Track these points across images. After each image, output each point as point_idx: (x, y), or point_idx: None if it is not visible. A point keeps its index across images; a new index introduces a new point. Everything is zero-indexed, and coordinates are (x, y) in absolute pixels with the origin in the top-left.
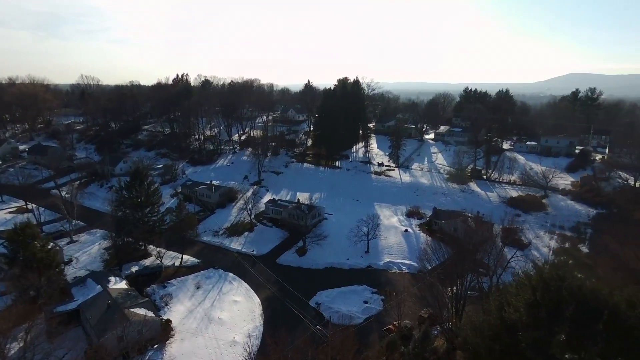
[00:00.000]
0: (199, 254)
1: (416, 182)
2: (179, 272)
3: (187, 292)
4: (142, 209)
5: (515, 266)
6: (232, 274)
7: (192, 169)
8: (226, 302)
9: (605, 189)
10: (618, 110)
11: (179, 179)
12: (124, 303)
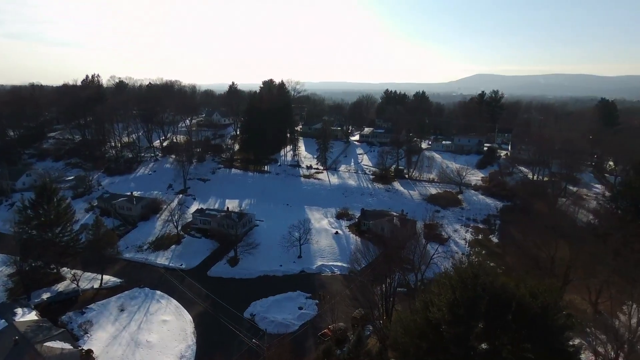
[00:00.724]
0: (121, 272)
1: (344, 183)
2: (99, 294)
3: (110, 316)
4: (52, 228)
5: (438, 262)
6: (159, 291)
7: (109, 180)
8: (155, 323)
9: (509, 183)
10: (517, 110)
11: (95, 192)
12: (35, 337)
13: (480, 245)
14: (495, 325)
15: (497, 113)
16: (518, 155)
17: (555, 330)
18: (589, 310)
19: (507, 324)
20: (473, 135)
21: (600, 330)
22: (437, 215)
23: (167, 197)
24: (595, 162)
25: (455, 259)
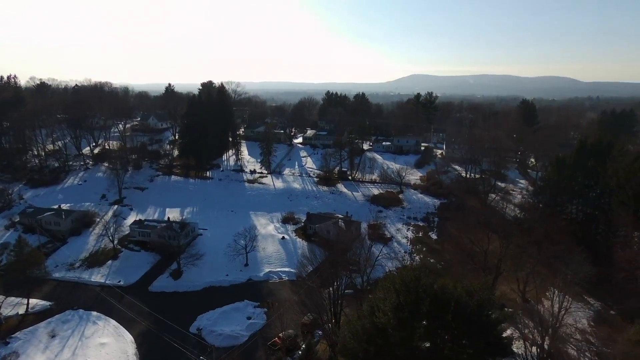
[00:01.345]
0: (50, 295)
1: (289, 187)
2: (26, 321)
3: (39, 344)
4: None
5: (383, 262)
6: (95, 312)
7: (32, 192)
8: (91, 348)
9: (445, 181)
10: (450, 110)
11: (16, 206)
12: None
13: (421, 243)
14: (437, 324)
15: (432, 114)
16: (452, 154)
17: (490, 324)
18: (518, 299)
19: (447, 323)
20: (411, 136)
21: (528, 317)
22: (380, 215)
23: (101, 208)
24: (519, 159)
25: (399, 258)
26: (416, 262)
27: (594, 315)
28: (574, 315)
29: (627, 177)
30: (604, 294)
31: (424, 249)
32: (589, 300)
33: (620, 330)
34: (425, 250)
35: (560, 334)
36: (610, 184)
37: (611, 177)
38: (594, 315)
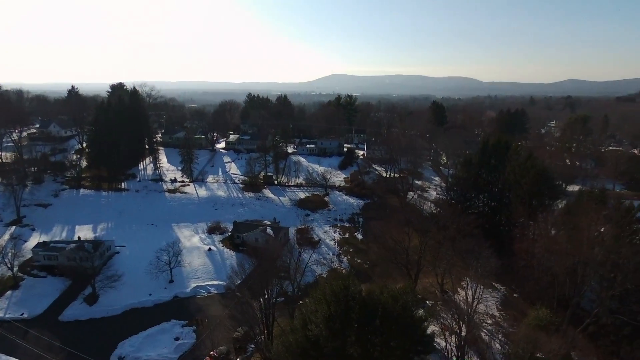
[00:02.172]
0: None
1: (214, 195)
2: None
3: None
4: None
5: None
6: None
7: None
8: None
9: (368, 182)
10: (369, 111)
11: None
12: None
13: (348, 244)
14: (367, 331)
15: (352, 115)
16: (373, 155)
17: (415, 324)
18: (437, 291)
19: (376, 328)
20: (334, 138)
21: (447, 307)
22: (308, 219)
23: None
24: (433, 157)
25: (328, 262)
26: (344, 264)
27: (500, 300)
28: (485, 301)
29: (522, 174)
30: (508, 279)
31: (351, 250)
32: (497, 286)
33: (522, 310)
34: (352, 251)
35: (474, 320)
36: (509, 180)
37: (509, 174)
38: (500, 299)
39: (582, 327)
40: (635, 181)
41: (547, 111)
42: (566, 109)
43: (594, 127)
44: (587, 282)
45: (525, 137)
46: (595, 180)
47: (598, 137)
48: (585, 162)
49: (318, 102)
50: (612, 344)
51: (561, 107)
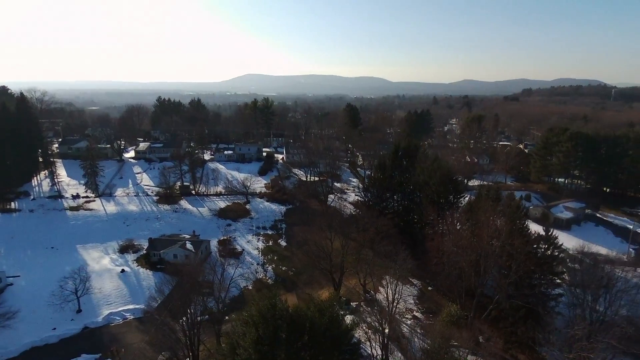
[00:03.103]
0: None
1: (124, 210)
2: None
3: None
4: None
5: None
6: None
7: None
8: None
9: (288, 187)
10: (286, 112)
11: None
12: None
13: (272, 252)
14: (295, 347)
15: (270, 119)
16: (292, 159)
17: (342, 334)
18: (360, 292)
19: (304, 344)
20: (252, 142)
21: (370, 307)
22: (229, 229)
23: None
24: (350, 159)
25: (252, 273)
26: (269, 273)
27: (417, 294)
28: (404, 297)
29: (430, 175)
30: (422, 274)
31: (275, 258)
32: (413, 281)
33: (436, 302)
34: (276, 259)
35: (396, 318)
36: (419, 181)
37: (419, 176)
38: (417, 294)
39: (486, 313)
40: (522, 174)
41: (448, 110)
42: (464, 108)
43: (487, 125)
44: (489, 272)
45: (431, 136)
46: (491, 175)
47: (490, 134)
48: (482, 158)
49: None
50: (511, 325)
51: (460, 106)
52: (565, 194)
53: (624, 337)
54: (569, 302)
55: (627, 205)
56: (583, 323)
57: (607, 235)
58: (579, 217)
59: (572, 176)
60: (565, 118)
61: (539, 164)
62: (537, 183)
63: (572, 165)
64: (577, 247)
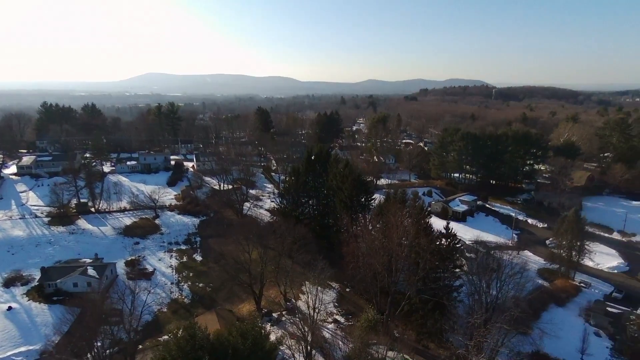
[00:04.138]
0: None
1: (7, 237)
2: None
3: None
4: None
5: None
6: None
7: None
8: None
9: (201, 197)
10: (194, 117)
11: None
12: None
13: (187, 268)
14: None
15: (176, 124)
16: (203, 166)
17: (265, 356)
18: (282, 301)
19: None
20: (158, 151)
21: (292, 315)
22: (138, 248)
23: None
24: (263, 163)
25: (165, 292)
26: (185, 292)
27: (336, 297)
28: (324, 302)
29: (342, 180)
30: (341, 276)
31: (191, 275)
32: (332, 284)
33: (355, 303)
34: (192, 276)
35: (318, 324)
36: (332, 186)
37: (332, 181)
38: (336, 296)
39: (400, 308)
40: (424, 171)
41: (355, 110)
42: (370, 108)
43: (391, 125)
44: (400, 270)
45: (341, 137)
46: (397, 174)
47: (395, 133)
48: (388, 158)
49: (135, 105)
50: (421, 317)
51: (366, 106)
52: (460, 188)
53: (513, 319)
54: (469, 290)
55: (509, 195)
56: (480, 311)
57: (495, 224)
58: (472, 209)
59: (465, 171)
60: (457, 117)
61: (437, 161)
62: (436, 179)
63: (465, 162)
64: (473, 237)
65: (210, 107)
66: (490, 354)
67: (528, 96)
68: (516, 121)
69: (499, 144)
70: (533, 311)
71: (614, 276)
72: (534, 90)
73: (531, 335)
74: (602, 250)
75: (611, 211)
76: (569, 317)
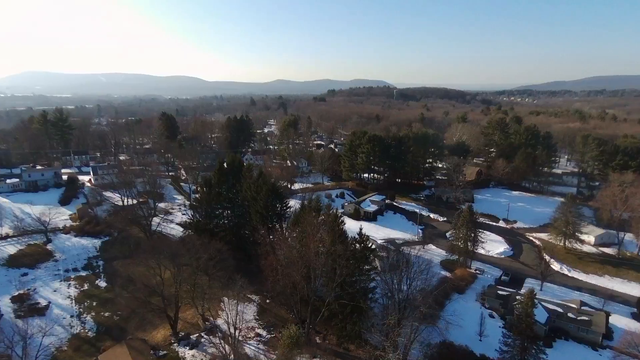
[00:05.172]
0: None
1: None
2: None
3: None
4: None
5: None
6: None
7: None
8: None
9: (102, 215)
10: (88, 123)
11: None
12: None
13: (89, 298)
14: None
15: (67, 133)
16: (102, 180)
17: None
18: (200, 322)
19: None
20: (46, 165)
21: (212, 335)
22: (26, 280)
23: None
24: (171, 173)
25: (64, 327)
26: (89, 324)
27: (257, 310)
28: (244, 316)
29: (257, 190)
30: (260, 288)
31: (95, 304)
32: (252, 297)
33: (276, 314)
34: (96, 305)
35: (239, 340)
36: (247, 196)
37: (246, 191)
38: (257, 309)
39: (320, 315)
40: (336, 173)
41: (266, 111)
42: (280, 109)
43: (302, 127)
44: (318, 278)
45: (253, 141)
46: (310, 177)
47: (306, 135)
48: (301, 162)
49: (13, 108)
50: (341, 321)
51: (276, 107)
52: (370, 188)
53: (422, 316)
54: (383, 291)
55: (414, 192)
56: (394, 311)
57: (402, 221)
58: (382, 208)
59: (373, 172)
60: (363, 117)
61: (348, 163)
62: (348, 181)
63: (372, 163)
64: (384, 235)
65: (107, 110)
66: (404, 350)
67: (424, 96)
68: (416, 121)
69: (402, 145)
70: (439, 303)
71: (502, 261)
72: (429, 91)
73: (438, 326)
74: (491, 238)
75: (496, 201)
76: (468, 304)
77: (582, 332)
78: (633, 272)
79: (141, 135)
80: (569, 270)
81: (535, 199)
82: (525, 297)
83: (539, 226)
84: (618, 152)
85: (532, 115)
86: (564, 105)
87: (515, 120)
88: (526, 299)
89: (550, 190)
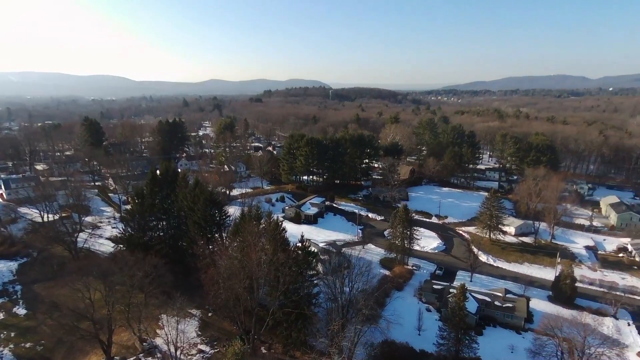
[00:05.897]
0: None
1: None
2: None
3: None
4: None
5: None
6: None
7: None
8: None
9: (17, 234)
10: None
11: None
12: None
13: (6, 328)
14: None
15: None
16: (17, 195)
17: None
18: (137, 343)
19: None
20: None
21: (151, 355)
22: None
23: None
24: (98, 183)
25: None
26: (6, 358)
27: (199, 324)
28: (186, 332)
29: (194, 200)
30: (201, 302)
31: (13, 334)
32: (192, 312)
33: (219, 328)
34: (15, 335)
35: (180, 358)
36: (184, 206)
37: (182, 201)
38: (199, 323)
39: (265, 324)
40: (275, 176)
41: (200, 112)
42: (215, 110)
43: (239, 130)
44: (262, 287)
45: (187, 145)
46: (249, 181)
47: (243, 138)
48: (239, 166)
49: None
50: (286, 329)
51: (211, 108)
52: (310, 191)
53: (364, 317)
54: (326, 296)
55: (352, 193)
56: (338, 315)
57: (342, 222)
58: (322, 210)
59: (312, 174)
60: (300, 118)
61: (287, 167)
62: (288, 184)
63: (311, 165)
64: (325, 237)
65: (19, 112)
66: (348, 353)
67: (359, 96)
68: (351, 122)
69: (339, 146)
70: (379, 304)
71: (436, 255)
72: (364, 91)
73: (380, 326)
74: (426, 234)
75: (429, 198)
76: (407, 300)
77: (507, 317)
78: (547, 258)
79: (61, 142)
80: (494, 261)
81: (463, 194)
82: (457, 291)
83: (468, 220)
84: (531, 149)
85: (458, 115)
86: (485, 104)
87: (442, 120)
88: (458, 293)
89: (476, 185)
